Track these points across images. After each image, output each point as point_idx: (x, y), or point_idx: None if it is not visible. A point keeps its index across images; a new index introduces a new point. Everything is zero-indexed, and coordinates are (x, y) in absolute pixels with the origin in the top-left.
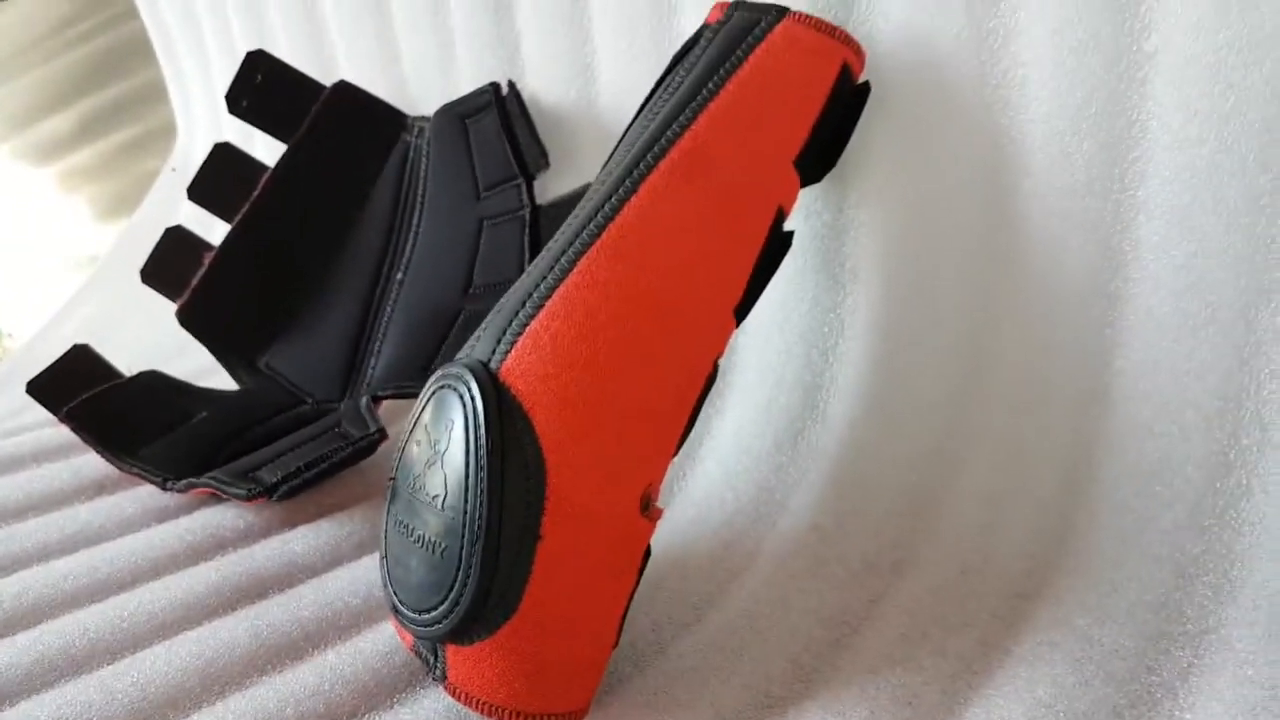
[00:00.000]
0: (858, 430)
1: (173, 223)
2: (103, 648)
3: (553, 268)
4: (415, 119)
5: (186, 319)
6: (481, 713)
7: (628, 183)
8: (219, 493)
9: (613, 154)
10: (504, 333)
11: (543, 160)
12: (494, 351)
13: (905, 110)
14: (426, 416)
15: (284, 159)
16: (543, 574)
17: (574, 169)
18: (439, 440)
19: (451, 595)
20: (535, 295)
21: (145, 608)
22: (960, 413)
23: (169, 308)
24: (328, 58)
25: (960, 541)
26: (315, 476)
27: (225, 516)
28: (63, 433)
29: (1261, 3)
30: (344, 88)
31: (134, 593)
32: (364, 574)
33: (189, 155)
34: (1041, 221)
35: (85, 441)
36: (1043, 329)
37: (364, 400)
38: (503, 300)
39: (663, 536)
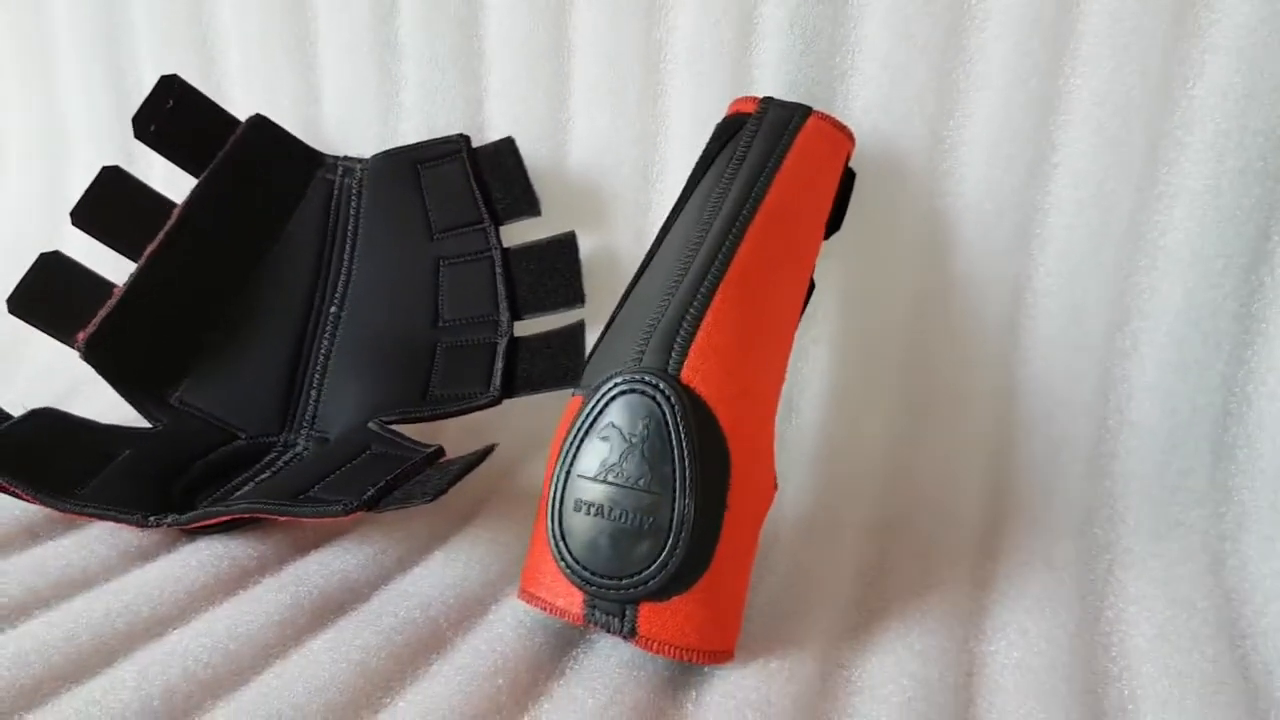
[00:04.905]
0: (829, 429)
1: None
2: (206, 678)
3: (695, 293)
4: (337, 159)
5: (92, 353)
6: (674, 656)
7: (735, 228)
8: (265, 516)
9: (679, 210)
10: (672, 347)
11: (532, 209)
12: (668, 361)
13: (866, 192)
14: (614, 415)
15: (199, 189)
16: (728, 536)
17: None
18: (634, 433)
19: (661, 559)
20: (690, 315)
21: (221, 645)
22: (908, 413)
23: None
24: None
25: (931, 503)
26: (409, 490)
27: (229, 547)
28: None
29: (1133, 135)
30: (260, 122)
31: (189, 628)
32: (433, 580)
33: None
34: (966, 276)
35: (10, 492)
36: (968, 348)
37: (371, 425)
38: (634, 318)
39: None
